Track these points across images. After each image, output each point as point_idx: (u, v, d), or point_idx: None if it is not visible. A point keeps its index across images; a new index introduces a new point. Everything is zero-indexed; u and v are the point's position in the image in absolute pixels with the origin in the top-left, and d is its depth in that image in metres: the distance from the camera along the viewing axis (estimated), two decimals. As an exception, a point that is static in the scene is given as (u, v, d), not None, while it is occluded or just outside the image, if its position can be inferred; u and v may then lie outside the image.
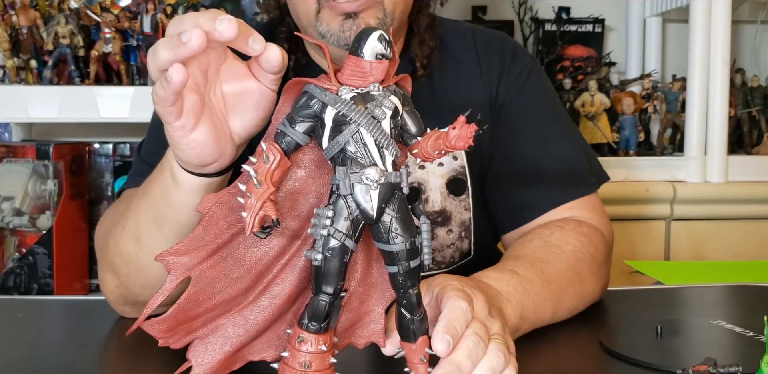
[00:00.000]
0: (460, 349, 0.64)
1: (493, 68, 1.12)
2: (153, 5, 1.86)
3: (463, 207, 1.11)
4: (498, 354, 0.66)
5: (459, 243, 1.12)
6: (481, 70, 1.12)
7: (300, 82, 0.61)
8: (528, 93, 1.12)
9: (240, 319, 0.63)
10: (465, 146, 0.58)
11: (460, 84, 1.12)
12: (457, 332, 0.64)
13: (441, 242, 1.11)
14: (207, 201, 0.61)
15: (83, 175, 1.89)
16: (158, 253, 0.81)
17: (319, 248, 0.59)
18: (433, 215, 1.10)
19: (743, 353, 0.77)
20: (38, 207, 1.80)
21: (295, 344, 0.61)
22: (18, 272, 1.77)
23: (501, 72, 1.11)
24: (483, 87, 1.11)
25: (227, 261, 0.62)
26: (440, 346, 0.63)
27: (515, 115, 1.11)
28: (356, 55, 0.59)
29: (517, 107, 1.11)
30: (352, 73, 0.59)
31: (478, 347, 0.65)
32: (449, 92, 1.11)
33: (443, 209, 1.10)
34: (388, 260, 0.61)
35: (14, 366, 0.75)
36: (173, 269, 0.60)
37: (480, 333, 0.66)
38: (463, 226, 1.12)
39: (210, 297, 0.61)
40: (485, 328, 0.67)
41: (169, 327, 0.61)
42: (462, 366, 0.63)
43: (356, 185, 0.59)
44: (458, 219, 1.11)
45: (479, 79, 1.11)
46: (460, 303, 0.67)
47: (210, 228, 0.61)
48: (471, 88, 1.11)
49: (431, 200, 1.10)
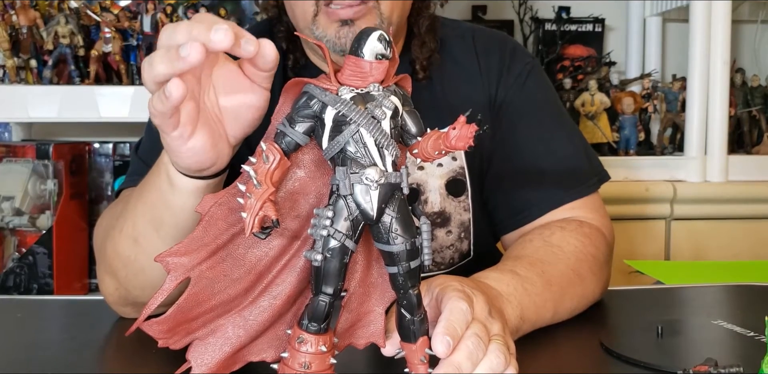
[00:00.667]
0: (461, 350, 0.64)
1: (492, 68, 1.11)
2: (153, 5, 1.86)
3: (462, 208, 1.11)
4: (498, 354, 0.66)
5: (458, 244, 1.12)
6: (481, 71, 1.11)
7: (300, 82, 0.61)
8: (528, 92, 1.11)
9: (240, 320, 0.63)
10: (465, 146, 0.58)
11: (459, 85, 1.11)
12: (457, 333, 0.64)
13: (440, 243, 1.11)
14: (206, 202, 0.61)
15: (83, 175, 1.89)
16: (156, 254, 0.82)
17: (319, 249, 0.59)
18: (433, 217, 1.09)
19: (744, 353, 0.77)
20: (38, 207, 1.80)
21: (294, 345, 0.61)
22: (18, 272, 1.77)
23: (500, 72, 1.11)
24: (482, 87, 1.11)
25: (227, 262, 0.62)
26: (440, 347, 0.63)
27: (515, 114, 1.10)
28: (356, 55, 0.58)
29: (516, 107, 1.10)
30: (351, 74, 0.59)
31: (479, 348, 0.65)
32: (448, 93, 1.10)
33: (442, 210, 1.10)
34: (388, 261, 0.61)
35: (14, 366, 0.75)
36: (173, 269, 0.60)
37: (480, 334, 0.66)
38: (462, 227, 1.11)
39: (210, 298, 0.61)
40: (485, 329, 0.67)
41: (169, 327, 0.61)
42: (462, 367, 0.63)
43: (356, 185, 0.58)
44: (457, 220, 1.11)
45: (479, 79, 1.11)
46: (461, 304, 0.67)
47: (209, 229, 0.61)
48: (471, 88, 1.11)
49: (430, 202, 1.10)
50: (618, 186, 1.94)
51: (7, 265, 1.79)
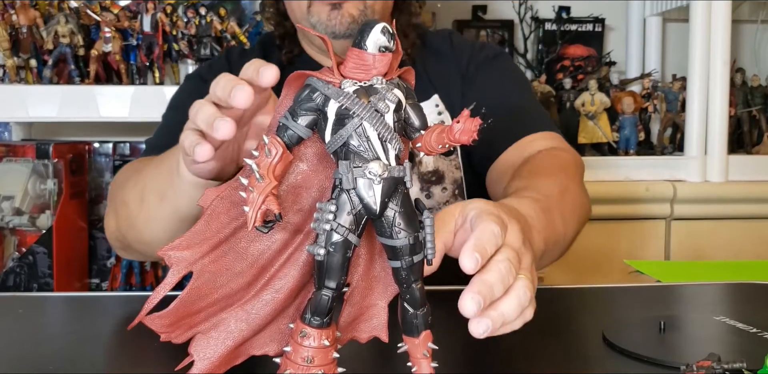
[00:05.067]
0: (492, 271, 0.61)
1: (464, 51, 1.27)
2: (153, 4, 1.86)
3: (454, 166, 1.21)
4: (526, 291, 0.63)
5: (453, 201, 1.19)
6: (455, 54, 1.27)
7: (302, 75, 0.60)
8: (496, 68, 1.26)
9: (242, 313, 0.62)
10: (469, 140, 0.58)
11: (437, 66, 1.26)
12: (486, 252, 0.62)
13: (437, 200, 1.20)
14: (209, 195, 0.61)
15: (83, 174, 1.89)
16: (154, 221, 0.85)
17: (322, 243, 0.58)
18: (428, 175, 1.20)
19: (747, 349, 0.77)
20: (38, 206, 1.80)
21: (297, 339, 0.60)
22: (18, 271, 1.77)
23: (471, 53, 1.27)
24: (455, 66, 1.26)
25: (229, 255, 0.61)
26: (468, 263, 0.60)
27: (485, 82, 1.23)
28: (359, 48, 0.58)
29: (485, 76, 1.25)
30: (354, 66, 0.59)
31: (510, 273, 0.62)
32: (429, 72, 1.25)
33: (436, 169, 1.20)
34: (391, 255, 0.61)
35: (15, 362, 0.75)
36: (175, 263, 0.59)
37: (513, 261, 0.63)
38: (455, 184, 1.21)
39: (212, 292, 0.61)
40: (518, 257, 0.65)
41: (171, 321, 0.60)
42: (494, 289, 0.60)
43: (359, 179, 0.58)
44: (450, 178, 1.20)
45: (452, 59, 1.27)
46: (493, 226, 0.64)
47: (212, 222, 0.61)
48: (445, 67, 1.26)
49: (424, 162, 1.21)
50: (618, 186, 1.94)
51: (7, 265, 1.79)
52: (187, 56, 1.92)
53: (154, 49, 1.87)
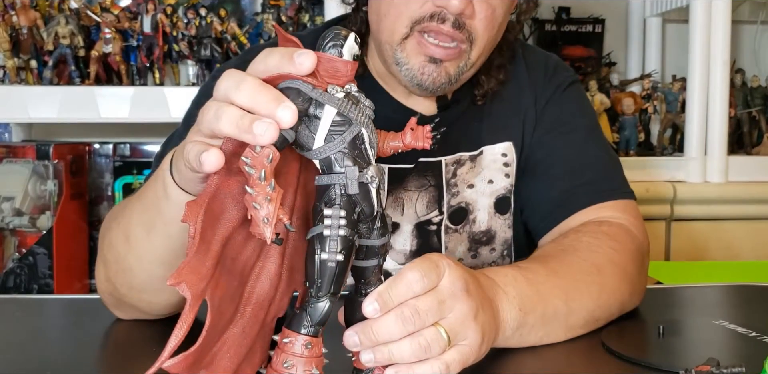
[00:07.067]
0: (388, 315, 0.61)
1: (538, 76, 1.12)
2: (153, 5, 1.86)
3: (507, 226, 1.10)
4: (431, 343, 0.62)
5: (500, 262, 1.10)
6: (530, 83, 1.11)
7: (280, 77, 0.57)
8: (568, 100, 1.12)
9: (240, 335, 0.60)
10: (424, 145, 0.65)
11: (511, 98, 1.11)
12: (389, 300, 0.61)
13: (483, 260, 1.09)
14: (192, 211, 0.55)
15: (83, 175, 1.89)
16: (146, 257, 0.79)
17: (336, 249, 0.58)
18: (479, 235, 1.09)
19: (746, 353, 0.77)
20: (38, 207, 1.80)
21: (303, 352, 0.58)
22: (18, 272, 1.77)
23: (544, 78, 1.12)
24: (529, 98, 1.11)
25: (224, 277, 0.58)
26: (365, 308, 0.61)
27: (553, 124, 1.10)
28: (339, 56, 0.58)
29: (554, 116, 1.10)
30: (329, 74, 0.58)
31: (408, 322, 0.61)
32: (503, 105, 1.11)
33: (489, 229, 1.09)
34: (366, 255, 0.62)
35: (13, 365, 0.75)
36: (190, 290, 0.53)
37: (422, 308, 0.62)
38: (505, 244, 1.10)
39: (220, 321, 0.57)
40: (437, 306, 0.63)
41: (192, 362, 0.54)
42: (379, 334, 0.61)
43: (362, 184, 0.59)
44: (501, 238, 1.10)
45: (527, 91, 1.11)
46: (410, 273, 0.63)
47: (203, 240, 0.55)
48: (519, 100, 1.11)
49: (478, 220, 1.09)
50: (618, 187, 1.94)
51: (7, 265, 1.79)
52: (187, 57, 1.92)
53: (155, 50, 1.87)
